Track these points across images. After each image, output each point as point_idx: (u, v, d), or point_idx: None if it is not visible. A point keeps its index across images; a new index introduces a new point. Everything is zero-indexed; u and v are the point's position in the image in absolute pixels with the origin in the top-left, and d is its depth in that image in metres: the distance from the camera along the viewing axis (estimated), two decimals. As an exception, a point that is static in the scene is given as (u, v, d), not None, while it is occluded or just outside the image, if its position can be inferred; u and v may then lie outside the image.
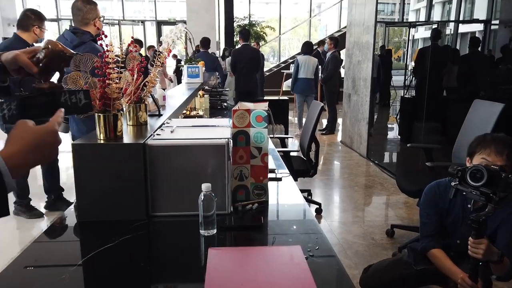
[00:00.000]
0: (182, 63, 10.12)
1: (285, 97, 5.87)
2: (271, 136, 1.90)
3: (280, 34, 13.85)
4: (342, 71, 7.05)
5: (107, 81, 1.33)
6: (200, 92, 4.02)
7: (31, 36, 3.10)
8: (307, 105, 6.31)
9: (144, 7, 20.63)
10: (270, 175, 1.71)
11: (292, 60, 11.44)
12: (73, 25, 2.64)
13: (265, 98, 6.02)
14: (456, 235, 1.59)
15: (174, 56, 10.17)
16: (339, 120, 6.78)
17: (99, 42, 1.39)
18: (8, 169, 0.66)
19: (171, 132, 1.50)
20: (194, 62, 4.69)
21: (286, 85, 9.84)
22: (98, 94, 1.34)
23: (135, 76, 1.54)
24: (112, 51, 1.34)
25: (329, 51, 6.39)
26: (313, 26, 15.19)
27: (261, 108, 1.57)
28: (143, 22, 14.02)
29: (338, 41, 6.57)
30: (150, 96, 1.80)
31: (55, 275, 1.02)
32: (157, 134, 1.44)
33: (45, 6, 17.29)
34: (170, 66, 10.54)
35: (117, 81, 1.38)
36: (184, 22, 12.75)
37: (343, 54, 8.03)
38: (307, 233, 1.26)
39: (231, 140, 1.42)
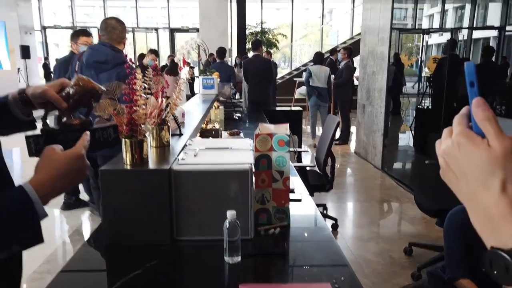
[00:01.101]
0: (195, 71, 10.18)
1: (299, 107, 5.87)
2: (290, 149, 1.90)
3: (292, 41, 13.87)
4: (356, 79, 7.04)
5: (134, 108, 1.36)
6: (215, 104, 4.05)
7: (75, 50, 3.64)
8: (320, 114, 6.31)
9: (157, 13, 20.89)
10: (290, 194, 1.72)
11: (304, 68, 11.46)
12: (102, 41, 2.68)
13: (277, 108, 6.03)
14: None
15: (187, 64, 10.25)
16: (353, 128, 6.75)
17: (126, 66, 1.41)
18: (39, 197, 0.69)
19: (195, 155, 1.52)
20: (209, 73, 4.73)
21: (299, 92, 9.85)
22: (125, 119, 1.37)
23: (160, 100, 1.57)
24: (140, 79, 1.37)
25: (343, 60, 6.39)
26: (324, 32, 15.18)
27: (282, 131, 1.58)
28: (156, 29, 14.18)
29: (352, 51, 6.57)
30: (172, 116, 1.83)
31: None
32: (181, 159, 1.47)
33: (60, 14, 17.62)
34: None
35: (144, 107, 1.41)
36: (197, 29, 12.87)
37: (356, 61, 8.01)
38: (331, 260, 1.27)
39: (254, 164, 1.44)
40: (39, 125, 0.96)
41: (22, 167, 5.14)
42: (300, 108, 5.50)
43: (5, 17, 10.06)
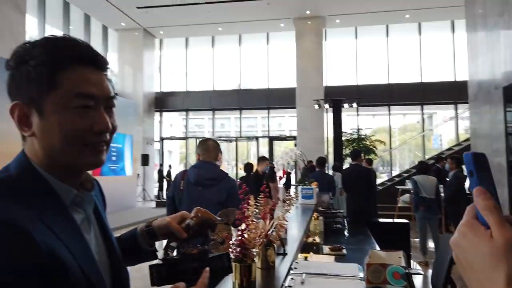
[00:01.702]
0: (292, 178, 10.42)
1: (403, 219, 5.47)
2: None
3: (390, 147, 13.64)
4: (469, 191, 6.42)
5: (245, 233, 1.41)
6: (315, 215, 3.99)
7: None
8: (430, 228, 5.75)
9: (257, 122, 22.75)
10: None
11: (406, 175, 10.95)
12: (203, 159, 2.95)
13: (381, 220, 5.68)
14: None
15: (287, 173, 10.62)
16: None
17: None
18: None
19: (302, 283, 1.46)
20: (308, 183, 4.79)
21: (402, 201, 9.28)
22: (237, 243, 1.41)
23: (268, 222, 1.61)
24: (253, 206, 1.44)
25: (451, 171, 5.98)
26: (425, 137, 14.68)
27: (396, 260, 1.46)
28: (256, 138, 15.26)
29: (460, 159, 6.15)
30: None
31: None
32: (288, 286, 1.42)
33: (176, 126, 20.28)
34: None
35: (254, 231, 1.45)
36: (294, 137, 13.54)
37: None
38: None
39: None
40: (159, 254, 1.04)
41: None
42: (406, 221, 5.11)
43: (133, 131, 11.89)
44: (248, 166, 6.50)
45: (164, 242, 1.07)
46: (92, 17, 13.23)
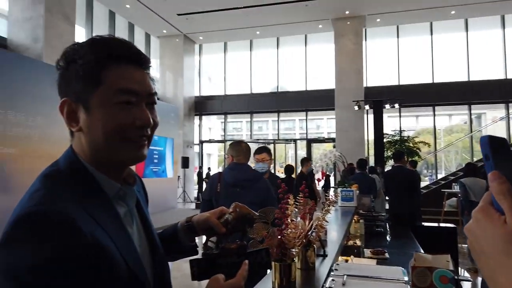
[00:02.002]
0: (331, 181, 10.26)
1: (450, 223, 5.21)
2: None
3: (435, 149, 13.06)
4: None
5: (284, 232, 1.40)
6: (355, 217, 3.90)
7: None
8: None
9: (295, 125, 22.64)
10: None
11: (453, 178, 10.45)
12: (237, 161, 2.97)
13: (425, 224, 5.45)
14: None
15: (326, 175, 10.48)
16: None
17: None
18: None
19: (343, 284, 1.43)
20: (348, 185, 4.69)
21: (449, 205, 8.86)
22: (275, 242, 1.41)
23: (307, 222, 1.59)
24: (292, 204, 1.42)
25: (503, 172, 5.63)
26: (473, 137, 13.94)
27: (443, 263, 1.39)
28: (294, 141, 15.17)
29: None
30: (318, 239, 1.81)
31: None
32: (329, 287, 1.39)
33: (214, 129, 20.62)
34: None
35: (294, 230, 1.44)
36: (333, 139, 13.32)
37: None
38: None
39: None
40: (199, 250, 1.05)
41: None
42: (453, 225, 4.86)
43: (174, 134, 12.21)
44: (288, 168, 6.47)
45: (204, 238, 1.09)
46: (136, 26, 13.76)
